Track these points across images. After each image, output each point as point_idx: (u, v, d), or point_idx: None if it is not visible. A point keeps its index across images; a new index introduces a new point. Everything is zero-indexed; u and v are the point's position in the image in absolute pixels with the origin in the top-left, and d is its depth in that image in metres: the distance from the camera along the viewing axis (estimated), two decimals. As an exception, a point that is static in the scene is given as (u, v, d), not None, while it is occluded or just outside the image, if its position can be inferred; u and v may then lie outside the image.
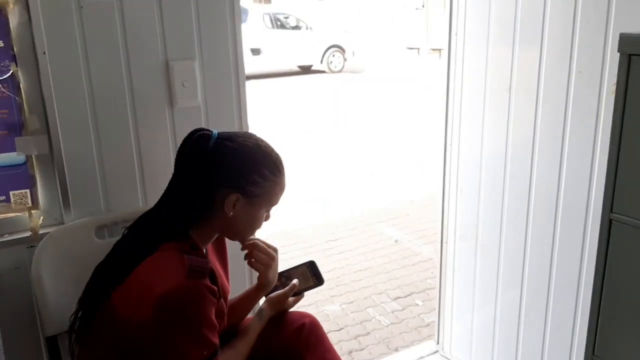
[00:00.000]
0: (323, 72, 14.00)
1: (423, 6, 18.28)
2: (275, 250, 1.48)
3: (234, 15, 1.67)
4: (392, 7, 17.48)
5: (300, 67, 14.33)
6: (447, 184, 2.33)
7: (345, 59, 14.10)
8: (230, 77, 1.71)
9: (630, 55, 1.14)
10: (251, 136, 1.29)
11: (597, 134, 1.69)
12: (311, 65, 14.21)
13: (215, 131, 1.26)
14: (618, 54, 1.16)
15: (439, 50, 15.48)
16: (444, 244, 2.42)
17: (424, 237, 4.14)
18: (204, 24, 1.63)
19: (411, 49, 16.72)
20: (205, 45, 1.65)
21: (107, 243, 1.38)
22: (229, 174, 1.23)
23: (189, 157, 1.23)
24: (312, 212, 4.75)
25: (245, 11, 12.96)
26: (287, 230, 4.27)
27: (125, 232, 1.29)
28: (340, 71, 14.00)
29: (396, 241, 4.13)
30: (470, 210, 2.23)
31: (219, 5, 1.65)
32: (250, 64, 12.85)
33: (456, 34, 2.12)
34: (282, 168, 1.29)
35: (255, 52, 12.88)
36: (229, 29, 1.68)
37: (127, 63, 1.54)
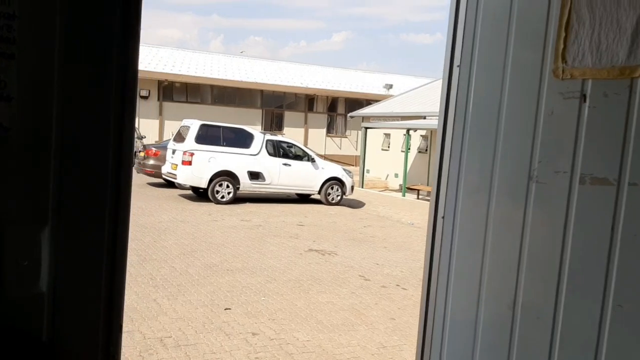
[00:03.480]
0: (320, 202, 13.89)
1: (426, 150, 18.75)
2: None
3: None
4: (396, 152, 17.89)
5: (298, 195, 14.31)
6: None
7: (343, 193, 14.06)
8: None
9: None
10: None
11: None
12: (310, 195, 14.19)
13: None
14: None
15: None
16: None
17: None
18: None
19: (412, 189, 16.77)
20: None
21: None
22: None
23: None
24: None
25: (251, 136, 13.16)
26: None
27: None
28: (337, 204, 13.88)
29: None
30: None
31: None
32: (249, 187, 12.75)
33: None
34: None
35: (254, 175, 12.88)
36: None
37: None
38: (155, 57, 27.10)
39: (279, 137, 14.97)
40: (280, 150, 13.53)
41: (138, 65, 1.25)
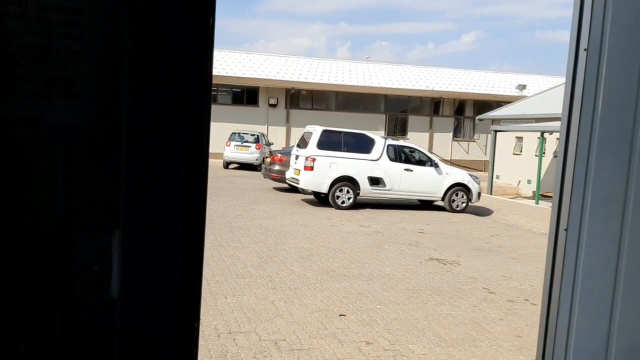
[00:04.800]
0: (444, 209, 13.38)
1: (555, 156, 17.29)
2: None
3: None
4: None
5: (420, 201, 13.92)
6: None
7: (469, 200, 13.40)
8: None
9: None
10: None
11: None
12: (433, 201, 13.75)
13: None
14: None
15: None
16: None
17: None
18: None
19: (546, 196, 15.54)
20: None
21: None
22: None
23: None
24: None
25: (372, 141, 13.08)
26: None
27: None
28: (462, 211, 13.26)
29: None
30: None
31: None
32: (369, 192, 12.67)
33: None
34: None
35: (375, 181, 12.76)
36: None
37: None
38: (283, 66, 28.25)
39: (400, 142, 14.72)
40: (401, 155, 13.27)
41: (212, 65, 1.19)
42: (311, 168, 12.59)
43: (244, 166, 21.44)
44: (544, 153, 16.39)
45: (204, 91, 1.17)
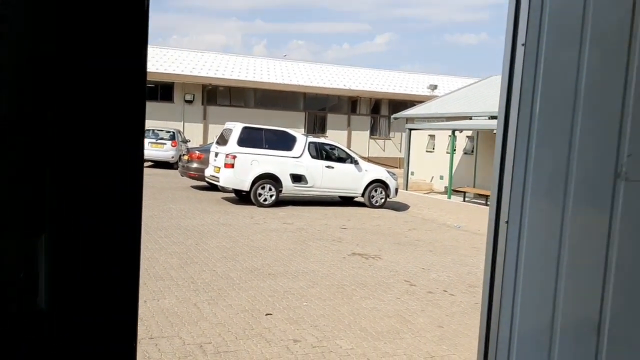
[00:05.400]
0: (364, 205, 13.66)
1: (472, 151, 18.21)
2: None
3: None
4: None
5: (341, 197, 14.12)
6: None
7: (387, 195, 13.77)
8: None
9: None
10: None
11: None
12: (353, 197, 13.99)
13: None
14: None
15: (486, 196, 15.00)
16: None
17: None
18: None
19: (458, 191, 16.31)
20: None
21: None
22: None
23: None
24: None
25: (293, 139, 13.08)
26: None
27: None
28: (381, 206, 13.61)
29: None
30: None
31: None
32: (291, 189, 12.65)
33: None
34: None
35: (297, 178, 12.77)
36: None
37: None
38: (199, 62, 27.54)
39: (321, 140, 14.84)
40: (323, 152, 13.38)
41: (146, 63, 1.09)
42: (232, 165, 12.36)
43: (159, 164, 20.66)
44: (454, 150, 17.19)
45: (138, 88, 1.07)
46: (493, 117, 16.72)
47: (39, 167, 0.97)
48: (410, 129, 19.53)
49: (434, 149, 20.55)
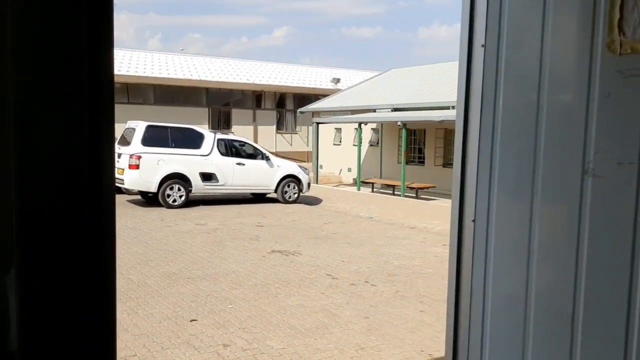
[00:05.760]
0: (277, 201, 13.62)
1: (377, 143, 18.80)
2: None
3: None
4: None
5: (254, 194, 13.97)
6: None
7: (300, 190, 13.83)
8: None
9: None
10: None
11: None
12: (266, 194, 13.89)
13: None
14: None
15: (393, 186, 15.55)
16: None
17: None
18: None
19: (366, 183, 16.75)
20: None
21: None
22: None
23: None
24: None
25: (201, 136, 12.71)
26: None
27: None
28: (294, 202, 13.65)
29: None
30: None
31: None
32: (201, 189, 12.31)
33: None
34: None
35: (207, 177, 12.45)
36: None
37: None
38: (92, 57, 25.85)
39: (230, 136, 14.56)
40: (232, 149, 13.13)
41: (113, 67, 0.97)
42: (137, 166, 11.77)
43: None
44: (361, 142, 17.63)
45: (107, 94, 0.95)
46: (396, 110, 17.36)
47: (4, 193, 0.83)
48: (318, 123, 19.74)
49: (340, 142, 20.93)
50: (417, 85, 19.23)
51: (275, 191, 13.56)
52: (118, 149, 12.58)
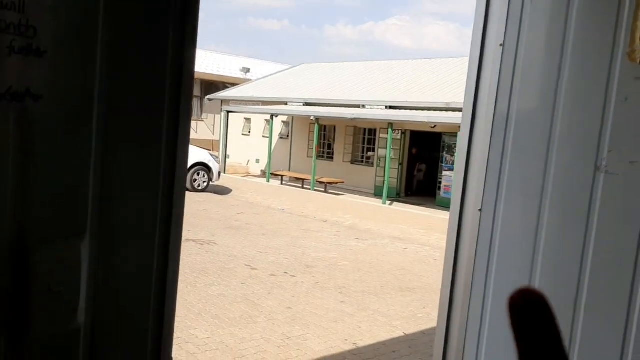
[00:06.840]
0: (186, 189, 13.24)
1: (287, 136, 18.87)
2: None
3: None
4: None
5: (160, 181, 13.47)
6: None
7: (210, 179, 13.54)
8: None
9: None
10: None
11: None
12: (173, 181, 13.45)
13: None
14: None
15: (302, 180, 15.73)
16: None
17: None
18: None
19: (276, 175, 16.77)
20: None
21: None
22: None
23: None
24: None
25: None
26: None
27: None
28: (204, 190, 13.34)
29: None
30: None
31: None
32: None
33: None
34: None
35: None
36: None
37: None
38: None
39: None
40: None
41: (194, 64, 0.97)
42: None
43: None
44: (272, 134, 17.61)
45: (185, 87, 0.93)
46: (308, 104, 17.53)
47: (81, 160, 0.78)
48: (228, 112, 19.41)
49: (249, 132, 20.74)
50: (328, 81, 19.55)
51: (185, 179, 13.17)
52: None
